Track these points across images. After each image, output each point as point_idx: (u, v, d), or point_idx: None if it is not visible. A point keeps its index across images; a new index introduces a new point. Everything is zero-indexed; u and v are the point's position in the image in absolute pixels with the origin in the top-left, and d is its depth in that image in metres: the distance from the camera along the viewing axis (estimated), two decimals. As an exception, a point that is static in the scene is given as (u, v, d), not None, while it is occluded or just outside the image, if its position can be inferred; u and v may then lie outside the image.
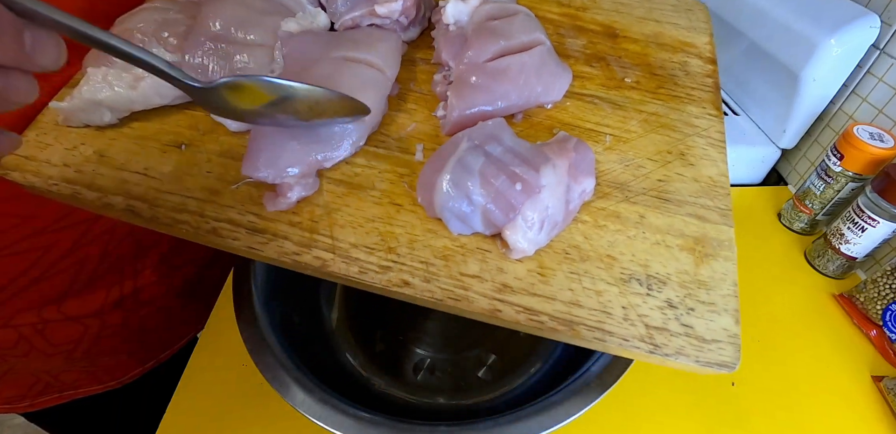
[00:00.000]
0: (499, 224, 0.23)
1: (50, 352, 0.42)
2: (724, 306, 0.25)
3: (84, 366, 0.46)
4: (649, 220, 0.26)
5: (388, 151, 0.28)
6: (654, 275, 0.24)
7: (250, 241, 0.25)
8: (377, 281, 0.24)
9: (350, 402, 0.30)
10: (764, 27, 0.54)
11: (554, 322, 0.23)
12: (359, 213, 0.26)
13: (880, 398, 0.40)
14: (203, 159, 0.28)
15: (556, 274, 0.24)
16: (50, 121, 0.30)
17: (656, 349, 0.23)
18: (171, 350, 0.54)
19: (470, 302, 0.23)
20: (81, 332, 0.43)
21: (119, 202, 0.27)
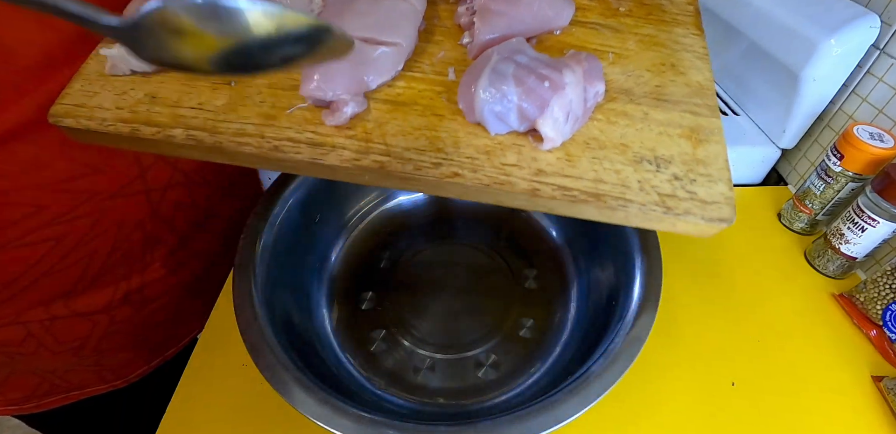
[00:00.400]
0: (532, 118, 0.27)
1: (57, 349, 0.42)
2: (720, 177, 0.29)
3: (90, 364, 0.46)
4: (652, 116, 0.31)
5: (423, 74, 0.32)
6: (661, 156, 0.29)
7: (312, 153, 0.29)
8: (432, 175, 0.28)
9: (350, 402, 0.30)
10: (764, 27, 0.54)
11: (584, 195, 0.27)
12: (406, 124, 0.30)
13: (880, 398, 0.40)
14: (254, 92, 0.31)
15: (581, 159, 0.29)
16: (93, 72, 0.32)
17: (669, 211, 0.27)
18: (176, 348, 0.54)
19: (513, 185, 0.28)
20: (89, 329, 0.43)
21: (179, 133, 0.30)
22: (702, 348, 0.43)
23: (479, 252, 0.51)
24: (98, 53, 0.32)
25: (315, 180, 0.44)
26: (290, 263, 0.42)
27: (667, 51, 0.34)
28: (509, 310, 0.46)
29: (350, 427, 0.28)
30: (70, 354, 0.44)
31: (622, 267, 0.39)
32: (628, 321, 0.34)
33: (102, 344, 0.45)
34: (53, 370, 0.44)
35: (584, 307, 0.44)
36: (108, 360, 0.47)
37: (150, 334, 0.49)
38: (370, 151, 0.29)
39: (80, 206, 0.37)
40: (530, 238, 0.51)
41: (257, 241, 0.38)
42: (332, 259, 0.48)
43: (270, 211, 0.40)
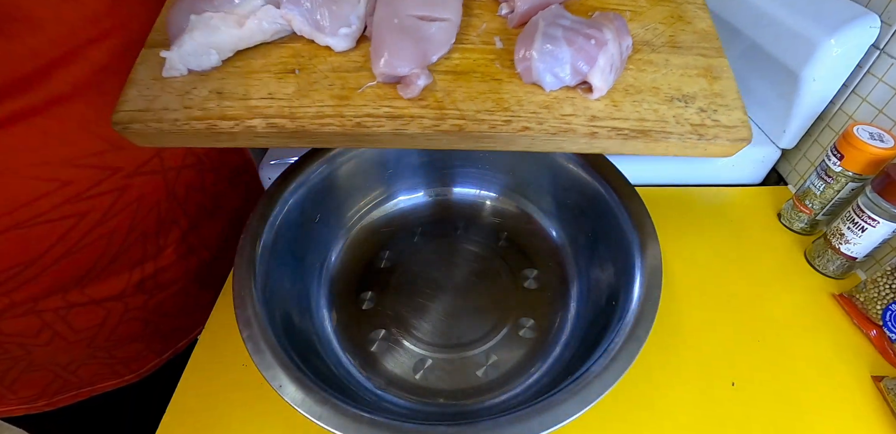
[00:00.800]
0: (584, 73, 0.32)
1: (72, 339, 0.43)
2: (735, 105, 0.34)
3: (103, 357, 0.47)
4: (672, 62, 0.36)
5: (473, 45, 0.36)
6: (686, 94, 0.34)
7: (394, 125, 0.32)
8: (505, 131, 0.32)
9: (350, 402, 0.30)
10: (764, 27, 0.54)
11: (633, 133, 0.32)
12: (471, 90, 0.33)
13: (880, 398, 0.40)
14: (320, 77, 0.33)
15: (624, 103, 0.33)
16: (146, 77, 0.33)
17: (701, 137, 0.32)
18: (186, 340, 0.54)
19: (574, 132, 0.32)
20: (104, 317, 0.44)
21: (259, 123, 0.31)
22: (702, 348, 0.43)
23: (479, 252, 0.51)
24: (143, 61, 0.33)
25: (315, 181, 0.44)
26: (289, 263, 0.42)
27: (672, 5, 0.39)
28: (509, 310, 0.46)
29: (350, 427, 0.28)
30: (84, 344, 0.44)
31: (622, 267, 0.39)
32: (628, 321, 0.34)
33: (115, 333, 0.46)
34: (66, 364, 0.45)
35: (584, 307, 0.44)
36: (120, 352, 0.48)
37: (160, 324, 0.50)
38: (446, 117, 0.32)
39: (103, 182, 0.38)
40: (530, 238, 0.51)
41: (257, 241, 0.38)
42: (331, 259, 0.48)
43: (270, 211, 0.40)
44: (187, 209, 0.47)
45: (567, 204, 0.49)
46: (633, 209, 0.41)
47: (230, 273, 0.48)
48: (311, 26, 0.33)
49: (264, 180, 0.56)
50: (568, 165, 0.47)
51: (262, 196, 0.42)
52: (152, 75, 0.33)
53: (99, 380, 0.48)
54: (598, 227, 0.45)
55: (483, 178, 0.54)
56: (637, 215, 0.40)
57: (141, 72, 0.33)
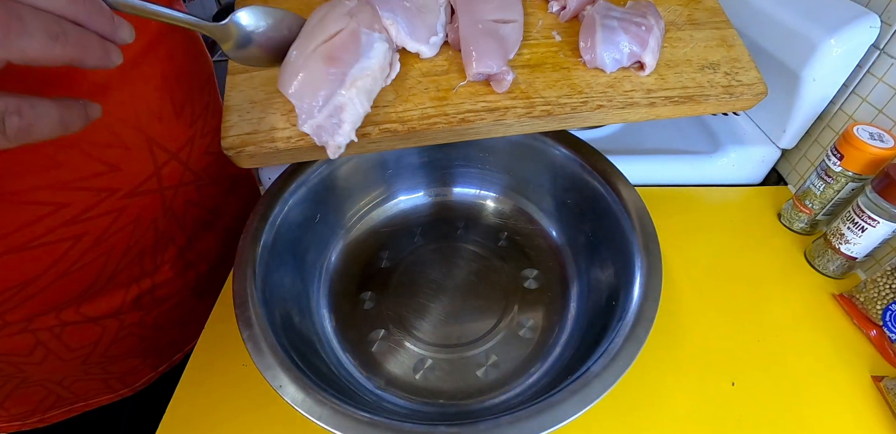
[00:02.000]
0: (639, 54, 0.38)
1: (67, 357, 0.42)
2: (750, 66, 0.41)
3: (97, 373, 0.46)
4: (695, 36, 0.42)
5: (536, 41, 0.40)
6: (713, 62, 0.41)
7: (493, 117, 0.36)
8: (585, 110, 0.37)
9: (350, 403, 0.30)
10: (764, 27, 0.54)
11: (681, 99, 0.38)
12: (548, 79, 0.38)
13: (880, 398, 0.40)
14: (414, 83, 0.37)
15: (668, 76, 0.40)
16: (242, 102, 0.36)
17: (732, 95, 0.39)
18: (182, 353, 0.53)
19: (637, 104, 0.38)
20: (98, 334, 0.43)
21: (372, 130, 0.34)
22: (702, 348, 0.43)
23: (479, 252, 0.51)
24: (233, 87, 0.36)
25: (315, 181, 0.44)
26: (289, 263, 0.42)
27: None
28: (509, 310, 0.46)
29: (350, 427, 0.28)
30: (78, 362, 0.43)
31: (622, 267, 0.39)
32: (628, 321, 0.34)
33: (110, 350, 0.45)
34: (60, 381, 0.44)
35: (584, 307, 0.44)
36: (115, 368, 0.47)
37: (156, 339, 0.49)
38: (535, 105, 0.37)
39: (100, 204, 0.37)
40: (530, 238, 0.51)
41: (257, 241, 0.38)
42: (331, 259, 0.48)
43: (270, 211, 0.40)
44: (185, 225, 0.46)
45: (567, 204, 0.49)
46: (633, 209, 0.41)
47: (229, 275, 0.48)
48: (407, 35, 0.37)
49: (264, 180, 0.56)
50: (568, 165, 0.47)
51: (262, 196, 0.42)
52: (248, 98, 0.35)
53: (93, 395, 0.48)
54: (598, 227, 0.45)
55: (483, 178, 0.54)
56: (637, 215, 0.40)
57: (235, 97, 0.36)
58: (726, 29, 0.43)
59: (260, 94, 0.36)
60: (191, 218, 0.47)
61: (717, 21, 0.43)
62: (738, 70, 0.40)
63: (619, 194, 0.42)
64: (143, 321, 0.46)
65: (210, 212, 0.49)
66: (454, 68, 0.38)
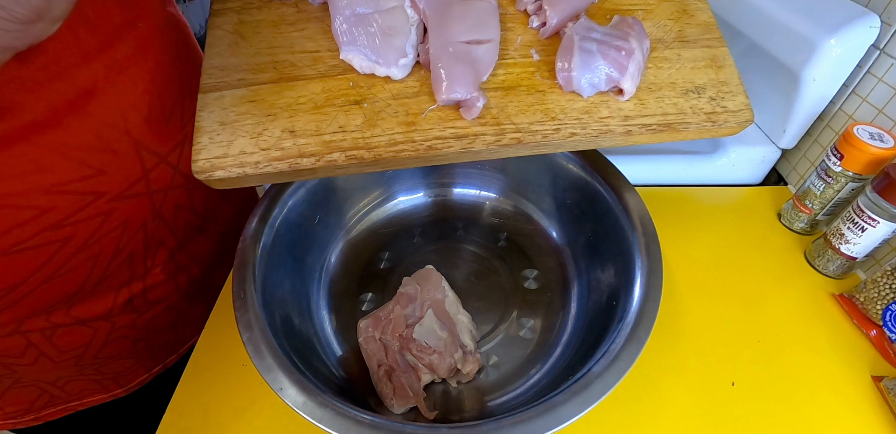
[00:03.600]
0: (617, 79, 0.36)
1: (58, 358, 0.42)
2: (738, 91, 0.38)
3: (91, 373, 0.46)
4: (683, 56, 0.39)
5: (513, 60, 0.38)
6: (699, 85, 0.38)
7: (461, 144, 0.34)
8: (557, 138, 0.35)
9: (351, 405, 0.30)
10: (764, 27, 0.54)
11: (660, 127, 0.36)
12: (521, 103, 0.36)
13: (880, 398, 0.40)
14: (384, 105, 0.35)
15: (649, 101, 0.37)
16: (212, 123, 0.34)
17: (714, 123, 0.37)
18: (176, 355, 0.53)
19: (613, 132, 0.36)
20: (90, 336, 0.43)
21: (338, 156, 0.33)
22: (702, 348, 0.43)
23: (478, 252, 0.51)
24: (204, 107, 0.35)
25: (314, 182, 0.44)
26: (289, 265, 0.42)
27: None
28: (509, 310, 0.46)
29: (351, 430, 0.28)
30: (71, 363, 0.43)
31: (623, 267, 0.39)
32: (629, 321, 0.34)
33: (103, 352, 0.45)
34: (53, 381, 0.44)
35: (584, 307, 0.44)
36: (109, 369, 0.47)
37: (150, 341, 0.49)
38: (505, 132, 0.35)
39: (86, 208, 0.36)
40: (530, 238, 0.51)
41: (257, 243, 0.38)
42: (331, 260, 0.48)
43: (270, 212, 0.40)
44: (175, 229, 0.46)
45: (567, 204, 0.49)
46: (633, 209, 0.41)
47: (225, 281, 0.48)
48: (372, 62, 0.36)
49: (264, 181, 0.56)
50: (568, 165, 0.47)
51: (262, 198, 0.41)
52: (218, 120, 0.34)
53: (87, 395, 0.47)
54: (598, 227, 0.45)
55: (483, 178, 0.54)
56: (637, 215, 0.40)
57: (206, 118, 0.35)
58: (718, 47, 0.40)
59: (230, 116, 0.35)
60: (182, 222, 0.46)
61: (710, 38, 0.40)
62: (724, 95, 0.38)
63: (619, 194, 0.42)
64: (135, 324, 0.46)
65: (202, 216, 0.49)
66: (425, 90, 0.36)
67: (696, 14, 0.41)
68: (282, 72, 0.36)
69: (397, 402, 0.37)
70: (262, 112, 0.35)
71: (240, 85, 0.36)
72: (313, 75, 0.36)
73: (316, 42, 0.37)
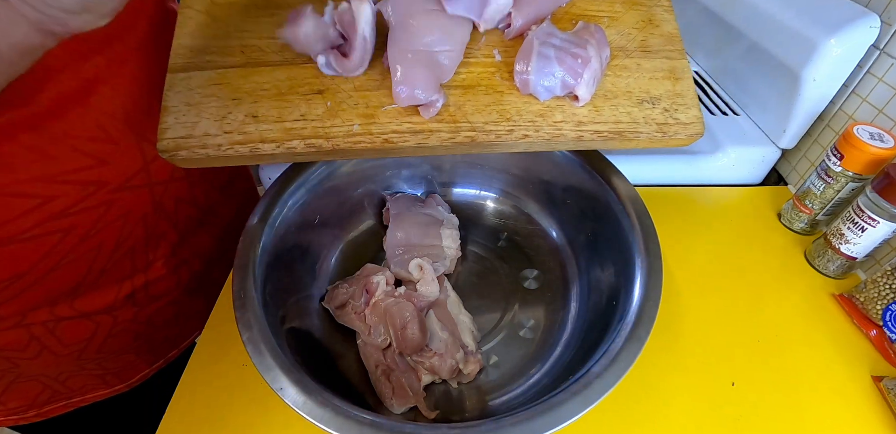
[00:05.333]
0: (572, 86, 0.36)
1: (61, 352, 0.42)
2: (692, 104, 0.39)
3: (93, 368, 0.46)
4: (643, 66, 0.40)
5: (476, 59, 0.38)
6: (654, 96, 0.39)
7: (417, 139, 0.35)
8: (509, 139, 0.36)
9: (351, 405, 0.30)
10: (764, 27, 0.54)
11: (611, 134, 0.37)
12: (478, 103, 0.37)
13: (880, 398, 0.40)
14: (345, 97, 0.36)
15: (604, 108, 0.38)
16: (178, 103, 0.35)
17: (665, 134, 0.38)
18: (177, 350, 0.54)
19: (565, 136, 0.37)
20: (93, 330, 0.43)
21: (298, 144, 0.34)
22: (702, 348, 0.43)
23: (479, 252, 0.51)
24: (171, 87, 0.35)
25: (315, 182, 0.44)
26: (289, 264, 0.42)
27: (643, 8, 0.42)
28: (509, 310, 0.46)
29: (352, 429, 0.28)
30: (73, 358, 0.43)
31: (623, 267, 0.39)
32: (629, 321, 0.34)
33: (105, 346, 0.45)
34: (55, 376, 0.44)
35: (584, 307, 0.44)
36: (111, 363, 0.47)
37: (151, 335, 0.49)
38: (460, 130, 0.36)
39: (88, 198, 0.37)
40: (530, 238, 0.51)
41: (257, 242, 0.38)
42: (331, 260, 0.48)
43: (270, 212, 0.40)
44: (177, 222, 0.46)
45: (567, 204, 0.49)
46: (633, 209, 0.41)
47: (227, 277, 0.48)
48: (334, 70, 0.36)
49: (264, 180, 0.56)
50: (568, 165, 0.47)
51: (262, 197, 0.41)
52: (185, 100, 0.35)
53: (89, 390, 0.48)
54: (598, 227, 0.45)
55: (483, 178, 0.54)
56: (637, 215, 0.40)
57: (173, 98, 0.35)
58: (678, 59, 0.40)
59: (196, 97, 0.35)
60: (183, 215, 0.46)
61: (671, 50, 0.40)
62: (678, 107, 0.38)
63: (618, 194, 0.42)
64: (137, 317, 0.46)
65: (203, 209, 0.49)
66: (386, 84, 0.36)
67: (662, 25, 0.41)
68: (249, 56, 0.36)
69: (397, 402, 0.37)
70: (227, 95, 0.35)
71: (208, 67, 0.36)
72: (279, 62, 0.36)
73: None
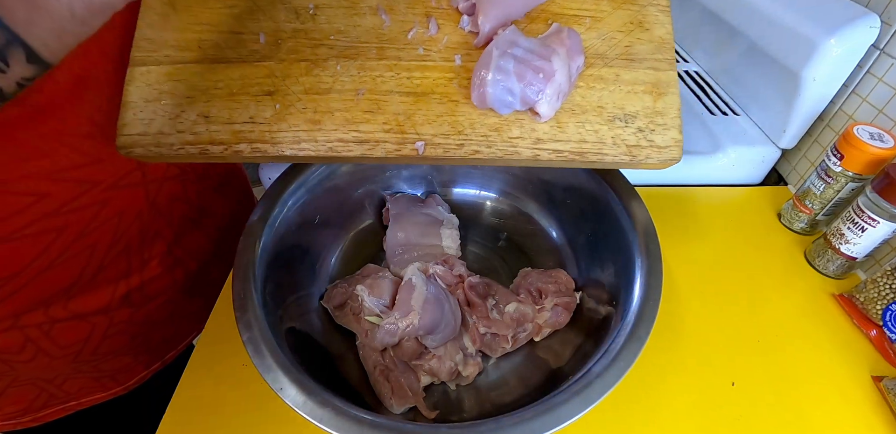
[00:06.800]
0: (533, 101, 0.33)
1: (57, 354, 0.42)
2: (673, 124, 0.35)
3: (89, 370, 0.46)
4: (622, 77, 0.36)
5: (433, 62, 0.36)
6: (629, 113, 0.35)
7: (361, 150, 0.34)
8: (458, 154, 0.34)
9: (351, 405, 0.30)
10: (764, 27, 0.54)
11: (572, 155, 0.34)
12: (430, 113, 0.35)
13: (880, 398, 0.40)
14: (294, 99, 0.35)
15: (568, 125, 0.35)
16: (137, 99, 0.34)
17: (634, 158, 0.34)
18: (175, 351, 0.53)
19: (519, 154, 0.34)
20: (88, 331, 0.43)
21: (244, 148, 0.34)
22: (702, 348, 0.43)
23: (479, 252, 0.51)
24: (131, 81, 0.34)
25: (315, 182, 0.44)
26: (289, 264, 0.42)
27: (635, 7, 0.38)
28: (510, 310, 0.46)
29: (352, 429, 0.28)
30: (69, 360, 0.43)
31: (623, 267, 0.39)
32: (629, 321, 0.34)
33: (101, 348, 0.45)
34: (51, 379, 0.44)
35: (584, 307, 0.44)
36: (107, 365, 0.47)
37: (148, 336, 0.49)
38: (406, 141, 0.34)
39: (82, 196, 0.37)
40: (530, 238, 0.51)
41: (257, 242, 0.38)
42: (331, 260, 0.48)
43: (270, 212, 0.40)
44: (171, 221, 0.46)
45: (567, 204, 0.49)
46: (633, 209, 0.41)
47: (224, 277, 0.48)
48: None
49: (264, 180, 0.56)
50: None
51: (262, 197, 0.41)
52: (143, 96, 0.34)
53: (86, 393, 0.47)
54: (598, 227, 0.45)
55: (483, 178, 0.54)
56: (637, 215, 0.40)
57: (133, 93, 0.35)
58: (666, 71, 0.35)
59: (153, 93, 0.34)
60: (178, 213, 0.46)
61: (659, 59, 0.36)
62: (655, 127, 0.34)
63: (619, 194, 0.42)
64: (132, 318, 0.46)
65: (197, 208, 0.49)
66: (336, 87, 0.35)
67: (653, 28, 0.37)
68: (205, 52, 0.36)
69: (396, 402, 0.37)
70: (181, 93, 0.34)
71: (165, 61, 0.35)
72: (234, 59, 0.35)
73: (241, 23, 0.36)
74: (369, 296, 0.41)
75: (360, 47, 0.36)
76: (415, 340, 0.39)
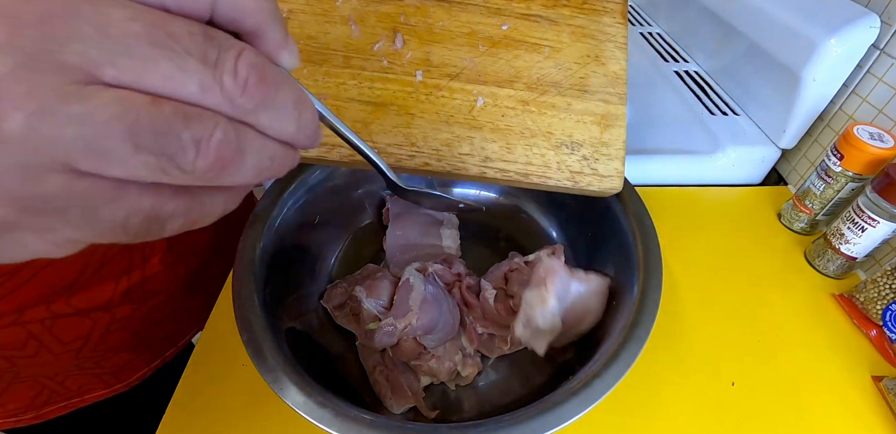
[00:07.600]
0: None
1: (59, 350, 0.42)
2: (616, 156, 0.36)
3: (91, 367, 0.46)
4: (573, 107, 0.37)
5: (395, 75, 0.37)
6: (576, 141, 0.36)
7: (318, 152, 0.35)
8: (409, 165, 0.35)
9: (351, 405, 0.30)
10: (764, 27, 0.54)
11: (517, 175, 0.36)
12: (386, 123, 0.36)
13: (880, 398, 0.40)
14: None
15: (517, 147, 0.36)
16: None
17: (576, 183, 0.36)
18: (175, 348, 0.53)
19: (467, 171, 0.35)
20: (90, 327, 0.43)
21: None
22: (702, 348, 0.43)
23: (478, 252, 0.51)
24: None
25: (314, 182, 0.44)
26: (289, 264, 0.42)
27: (593, 42, 0.39)
28: (510, 310, 0.46)
29: (352, 430, 0.28)
30: (71, 356, 0.43)
31: (622, 267, 0.39)
32: (629, 321, 0.34)
33: (102, 344, 0.45)
34: (53, 376, 0.44)
35: (584, 307, 0.44)
36: (108, 362, 0.47)
37: (149, 333, 0.49)
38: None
39: None
40: (530, 238, 0.51)
41: (257, 242, 0.38)
42: (331, 260, 0.48)
43: (270, 212, 0.40)
44: None
45: (567, 204, 0.49)
46: (633, 209, 0.41)
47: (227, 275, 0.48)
48: None
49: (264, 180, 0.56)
50: (568, 166, 0.46)
51: (262, 197, 0.41)
52: None
53: (87, 391, 0.48)
54: (598, 227, 0.45)
55: (483, 178, 0.54)
56: (637, 215, 0.40)
57: None
58: (616, 104, 0.37)
59: None
60: None
61: (611, 93, 0.37)
62: (600, 157, 0.36)
63: (618, 194, 0.42)
64: (134, 315, 0.46)
65: None
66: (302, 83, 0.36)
67: (608, 63, 0.38)
68: None
69: (396, 402, 0.37)
70: None
71: None
72: None
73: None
74: (367, 297, 0.40)
75: (327, 54, 0.37)
76: (413, 340, 0.39)
